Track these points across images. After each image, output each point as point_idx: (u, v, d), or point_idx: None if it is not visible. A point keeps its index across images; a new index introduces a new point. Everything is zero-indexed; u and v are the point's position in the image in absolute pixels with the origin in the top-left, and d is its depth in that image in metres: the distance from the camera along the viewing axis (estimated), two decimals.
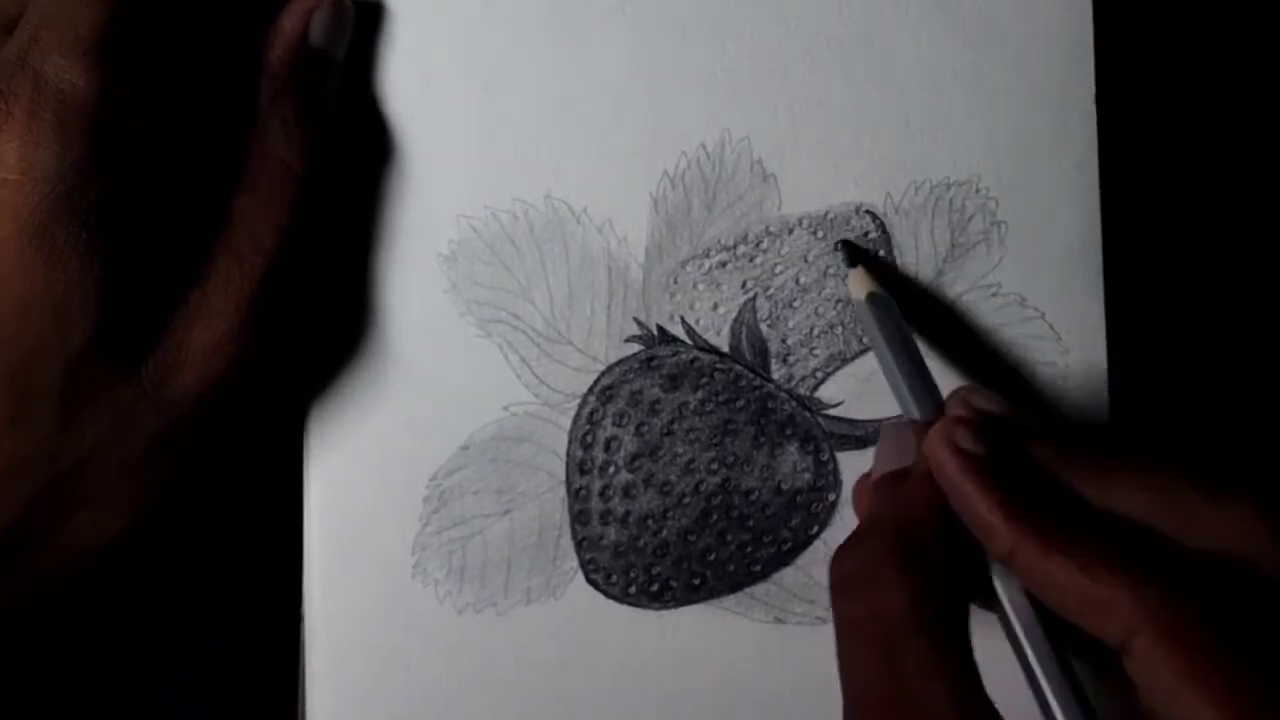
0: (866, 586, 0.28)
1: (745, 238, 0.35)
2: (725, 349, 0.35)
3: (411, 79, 0.34)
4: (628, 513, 0.35)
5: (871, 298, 0.33)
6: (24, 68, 0.28)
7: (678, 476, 0.35)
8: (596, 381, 0.35)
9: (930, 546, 0.29)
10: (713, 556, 0.35)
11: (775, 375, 0.35)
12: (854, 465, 0.35)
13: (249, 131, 0.31)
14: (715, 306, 0.35)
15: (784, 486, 0.35)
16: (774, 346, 0.35)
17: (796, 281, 0.35)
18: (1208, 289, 0.40)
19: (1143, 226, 0.39)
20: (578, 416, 0.35)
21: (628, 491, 0.35)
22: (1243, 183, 0.41)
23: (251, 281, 0.30)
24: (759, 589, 0.35)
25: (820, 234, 0.35)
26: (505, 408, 0.34)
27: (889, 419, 0.33)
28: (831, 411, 0.35)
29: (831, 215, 0.35)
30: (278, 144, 0.31)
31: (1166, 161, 0.40)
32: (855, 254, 0.34)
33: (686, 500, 0.35)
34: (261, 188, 0.31)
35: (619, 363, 0.35)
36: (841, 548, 0.30)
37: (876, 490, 0.31)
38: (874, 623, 0.28)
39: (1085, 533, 0.27)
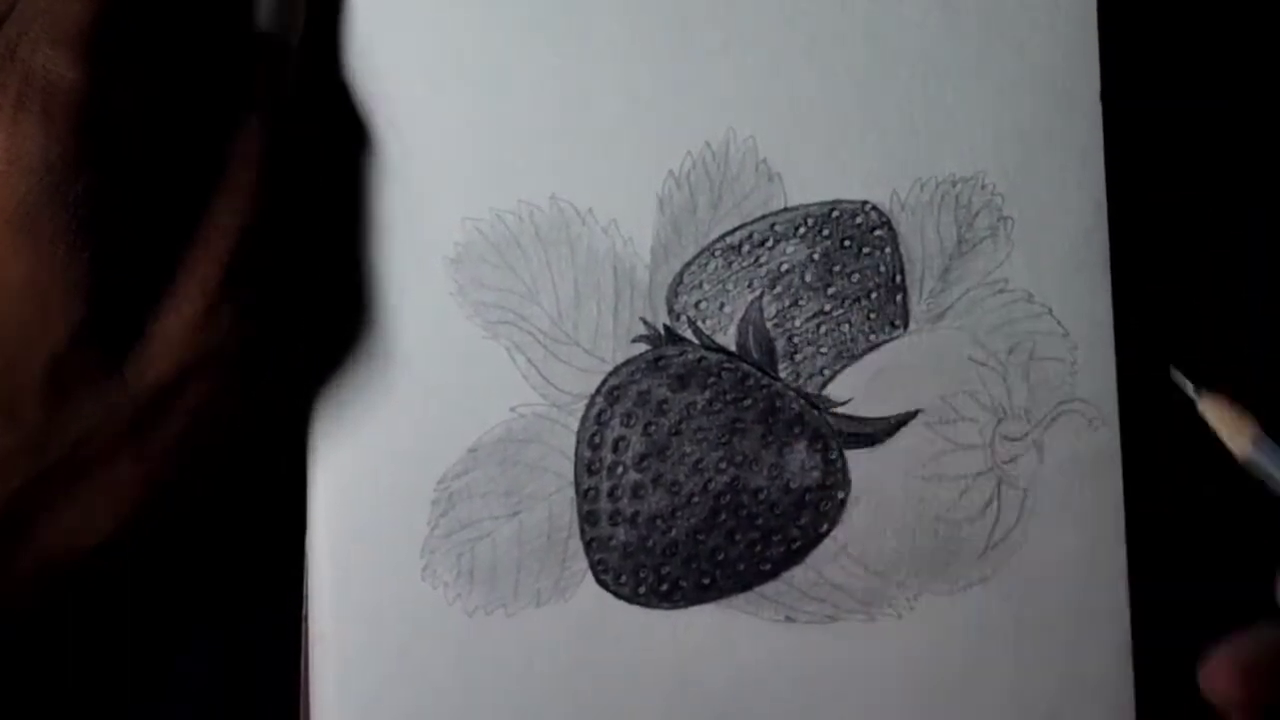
0: None
1: (751, 237, 0.35)
2: (732, 348, 0.35)
3: (415, 82, 0.33)
4: (636, 513, 0.35)
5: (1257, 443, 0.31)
6: (12, 59, 0.28)
7: (686, 476, 0.35)
8: (604, 382, 0.35)
9: None
10: (722, 556, 0.35)
11: (783, 374, 0.35)
12: (862, 463, 0.35)
13: (221, 122, 0.31)
14: (722, 306, 0.35)
15: (793, 485, 0.35)
16: (781, 345, 0.35)
17: (803, 280, 0.35)
18: (1216, 281, 0.40)
19: (1150, 220, 0.38)
20: (585, 417, 0.35)
21: (636, 492, 0.35)
22: (1252, 178, 0.41)
23: (217, 267, 0.30)
24: (769, 588, 0.35)
25: (826, 232, 0.35)
26: (512, 409, 0.34)
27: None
28: (839, 409, 0.35)
29: (837, 213, 0.35)
30: (237, 130, 0.31)
31: (1174, 155, 0.40)
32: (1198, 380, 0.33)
33: (695, 500, 0.35)
34: (226, 175, 0.31)
35: (626, 363, 0.35)
36: None
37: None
38: None
39: None
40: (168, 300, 0.30)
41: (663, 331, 0.35)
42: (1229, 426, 0.32)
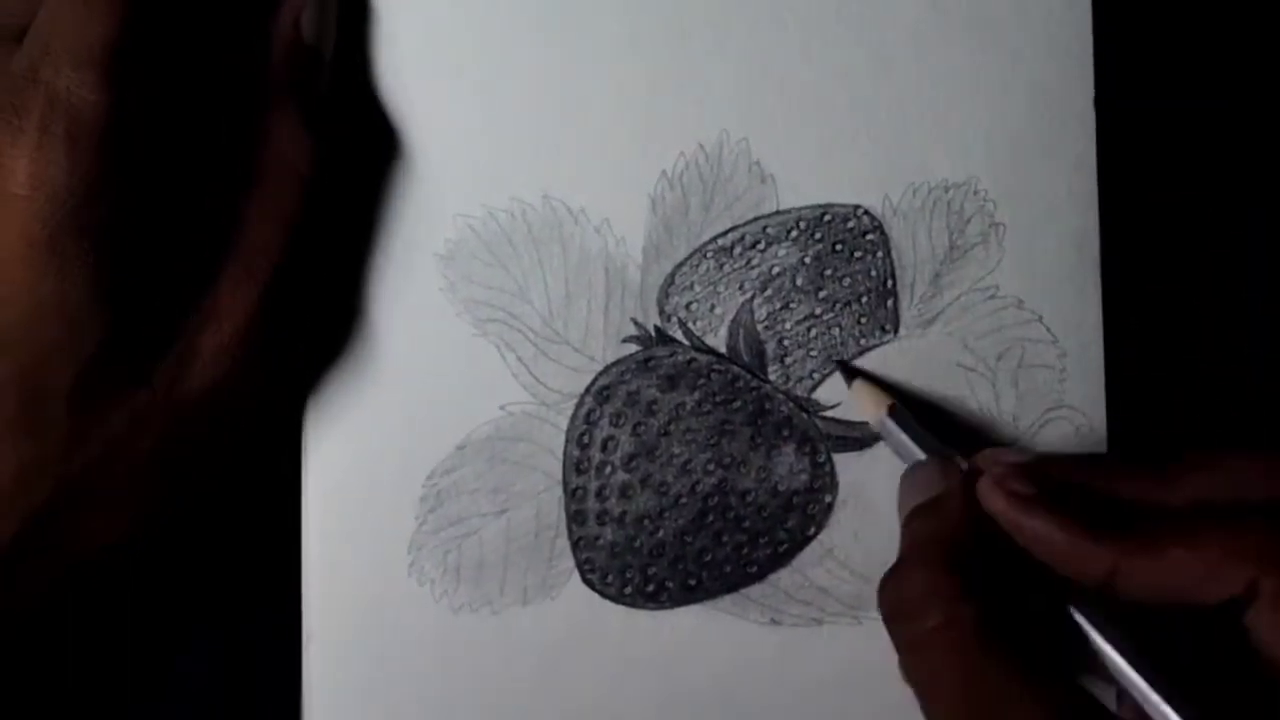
0: (926, 608, 0.29)
1: (743, 239, 0.35)
2: (722, 350, 0.35)
3: (409, 79, 0.34)
4: (624, 513, 0.35)
5: (890, 410, 0.34)
6: (35, 82, 0.28)
7: (674, 477, 0.35)
8: (594, 381, 0.35)
9: (977, 563, 0.30)
10: (709, 557, 0.35)
11: (772, 376, 0.35)
12: (850, 467, 0.35)
13: (253, 137, 0.31)
14: (713, 307, 0.35)
15: (780, 488, 0.35)
16: (771, 348, 0.35)
17: (794, 283, 0.35)
18: (1206, 291, 0.40)
19: (1142, 227, 0.38)
20: (575, 416, 0.35)
21: (624, 492, 0.35)
22: (1247, 183, 0.41)
23: (258, 285, 0.31)
24: (755, 590, 0.35)
25: (818, 235, 0.35)
26: (502, 407, 0.34)
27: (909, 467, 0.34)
28: (828, 413, 0.35)
29: (829, 217, 0.35)
30: (284, 147, 0.31)
31: (1167, 161, 0.40)
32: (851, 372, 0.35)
33: (683, 501, 0.35)
34: (269, 191, 0.31)
35: (616, 363, 0.35)
36: (887, 578, 0.31)
37: (909, 525, 0.32)
38: (945, 641, 0.28)
39: (1175, 520, 0.29)
40: (204, 317, 0.30)
41: (653, 332, 0.35)
42: (867, 402, 0.34)
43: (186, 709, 0.37)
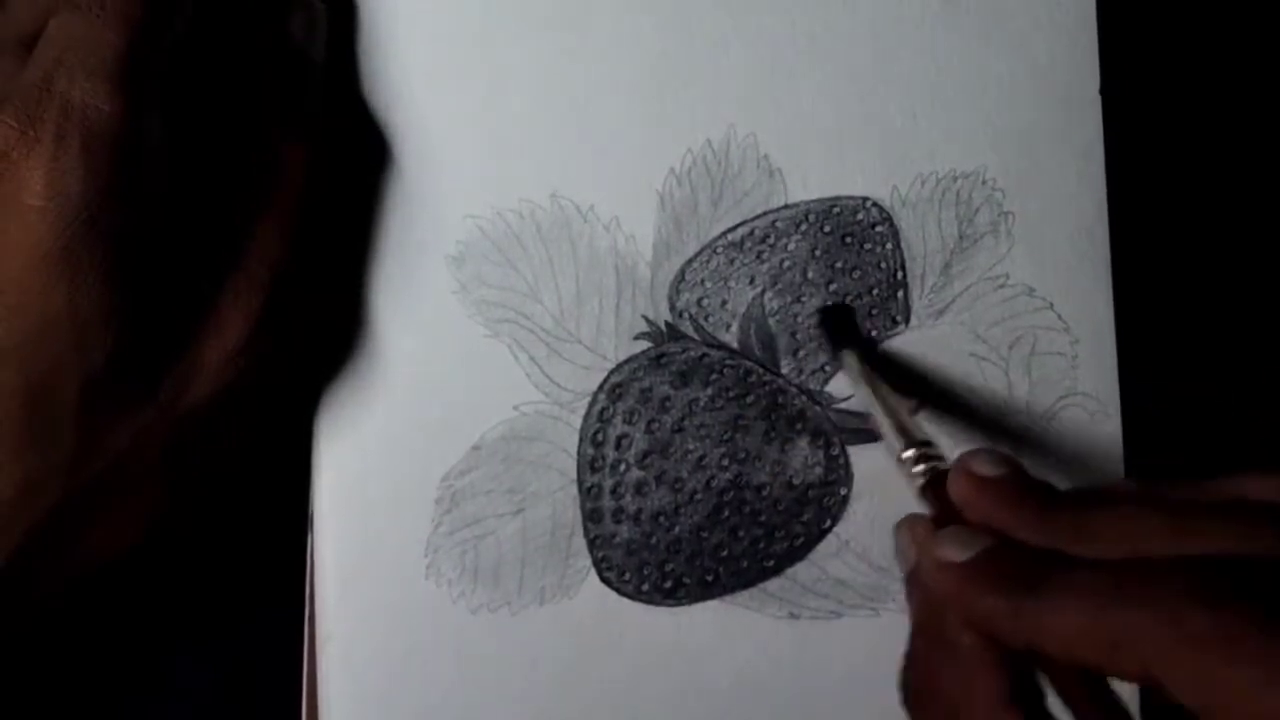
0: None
1: (752, 233, 0.35)
2: (734, 345, 0.35)
3: (415, 80, 0.34)
4: (640, 510, 0.35)
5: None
6: (49, 92, 0.28)
7: (689, 473, 0.35)
8: (606, 379, 0.35)
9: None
10: (725, 553, 0.35)
11: (785, 370, 0.35)
12: (865, 458, 0.35)
13: (253, 146, 0.31)
14: (724, 303, 0.35)
15: (795, 481, 0.35)
16: (783, 341, 0.35)
17: (804, 276, 0.35)
18: (1217, 275, 0.40)
19: (1150, 213, 0.39)
20: (588, 415, 0.35)
21: (639, 489, 0.35)
22: (1249, 168, 0.41)
23: (260, 294, 0.30)
24: (772, 584, 0.35)
25: (827, 228, 0.35)
26: (515, 407, 0.34)
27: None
28: (842, 405, 0.35)
29: (838, 209, 0.35)
30: (282, 157, 0.31)
31: (1174, 149, 0.40)
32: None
33: (698, 497, 0.35)
34: (269, 201, 0.31)
35: (628, 360, 0.35)
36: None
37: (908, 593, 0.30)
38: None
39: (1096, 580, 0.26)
40: (209, 327, 0.30)
41: (665, 329, 0.35)
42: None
43: (187, 709, 0.37)
